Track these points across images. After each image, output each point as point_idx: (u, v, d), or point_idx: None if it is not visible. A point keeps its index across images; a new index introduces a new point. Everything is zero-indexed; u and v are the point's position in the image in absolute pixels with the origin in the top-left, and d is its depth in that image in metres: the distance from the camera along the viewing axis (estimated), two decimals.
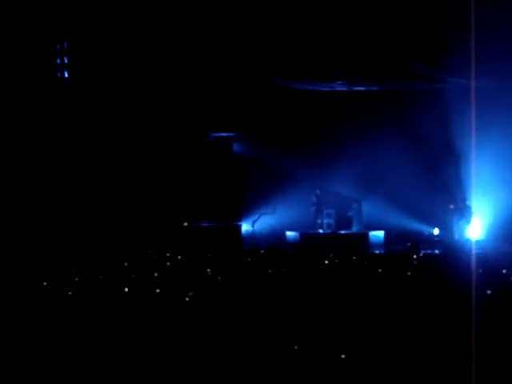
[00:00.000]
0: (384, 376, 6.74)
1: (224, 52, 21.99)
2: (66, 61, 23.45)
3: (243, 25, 21.46)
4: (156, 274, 12.13)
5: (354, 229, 23.18)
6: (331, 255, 15.04)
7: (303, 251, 17.53)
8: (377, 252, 20.51)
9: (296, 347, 7.57)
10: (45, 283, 11.79)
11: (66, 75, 23.48)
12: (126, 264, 15.13)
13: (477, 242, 20.67)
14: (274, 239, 21.40)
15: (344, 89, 22.77)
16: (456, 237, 21.86)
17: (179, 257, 15.89)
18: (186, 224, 23.82)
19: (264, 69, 22.02)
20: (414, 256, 15.90)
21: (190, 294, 10.44)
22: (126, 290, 11.10)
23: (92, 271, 13.62)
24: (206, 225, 24.01)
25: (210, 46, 21.83)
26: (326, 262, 13.85)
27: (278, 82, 22.51)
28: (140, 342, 8.18)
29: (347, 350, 7.42)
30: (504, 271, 11.00)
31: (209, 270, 13.02)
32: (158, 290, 10.89)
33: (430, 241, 21.74)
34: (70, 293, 10.94)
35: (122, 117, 23.03)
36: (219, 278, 11.57)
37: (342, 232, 23.04)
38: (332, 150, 22.92)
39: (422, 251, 18.99)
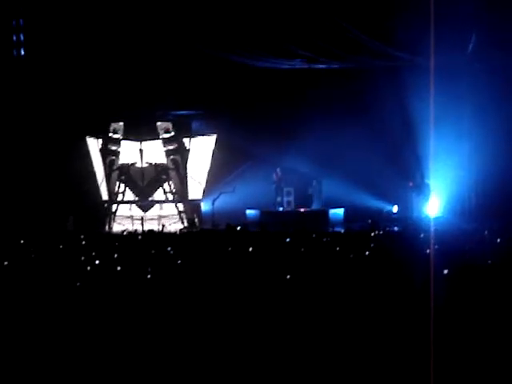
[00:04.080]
0: (339, 357, 6.78)
1: (184, 30, 21.86)
2: (21, 38, 23.14)
3: (203, 3, 21.38)
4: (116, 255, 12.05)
5: (314, 206, 23.30)
6: (290, 232, 15.07)
7: (263, 229, 17.52)
8: (336, 229, 20.60)
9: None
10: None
11: (23, 53, 23.17)
12: (83, 242, 15.05)
13: (435, 218, 20.85)
14: (234, 218, 21.38)
15: (304, 66, 22.74)
16: (415, 214, 22.04)
17: (139, 237, 15.82)
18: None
19: (224, 46, 21.94)
20: (373, 233, 15.98)
21: (149, 271, 10.40)
22: (89, 268, 11.04)
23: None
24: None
25: (169, 24, 21.69)
26: (287, 239, 13.86)
27: (238, 60, 22.44)
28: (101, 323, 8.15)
29: (305, 329, 7.44)
30: (461, 249, 11.11)
31: (169, 249, 12.97)
32: (118, 268, 10.84)
33: (389, 218, 21.90)
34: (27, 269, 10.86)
35: (78, 95, 22.80)
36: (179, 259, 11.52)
37: (302, 210, 23.12)
38: (292, 129, 22.94)
39: (381, 228, 19.09)
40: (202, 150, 24.33)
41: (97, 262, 11.31)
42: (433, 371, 6.01)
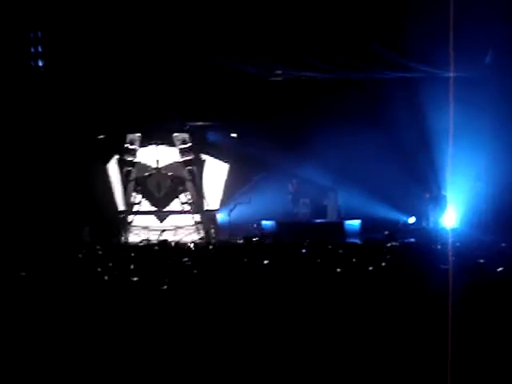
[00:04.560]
0: (357, 366, 6.76)
1: (200, 41, 21.94)
2: (40, 49, 23.26)
3: (217, 14, 21.47)
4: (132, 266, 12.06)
5: (330, 218, 23.24)
6: (306, 244, 15.04)
7: (279, 240, 17.52)
8: (352, 241, 20.56)
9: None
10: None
11: (40, 64, 23.29)
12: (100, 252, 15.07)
13: (452, 230, 20.77)
14: (250, 229, 21.39)
15: (321, 77, 22.75)
16: (431, 225, 21.96)
17: (155, 247, 15.83)
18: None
19: (237, 58, 21.99)
20: (389, 245, 15.93)
21: (166, 281, 10.41)
22: (106, 278, 11.06)
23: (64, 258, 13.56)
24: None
25: (186, 36, 21.76)
26: (303, 250, 13.85)
27: (252, 71, 22.48)
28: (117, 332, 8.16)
29: (323, 339, 7.43)
30: (481, 260, 11.05)
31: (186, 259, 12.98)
32: (135, 279, 10.86)
33: (406, 229, 21.83)
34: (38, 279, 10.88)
35: (97, 106, 22.90)
36: (195, 270, 11.52)
37: (318, 221, 23.08)
38: (308, 139, 22.91)
39: (398, 240, 19.05)
40: (218, 160, 24.40)
41: (115, 272, 11.34)
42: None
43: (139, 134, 24.13)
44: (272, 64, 22.17)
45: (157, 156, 24.16)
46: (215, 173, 24.38)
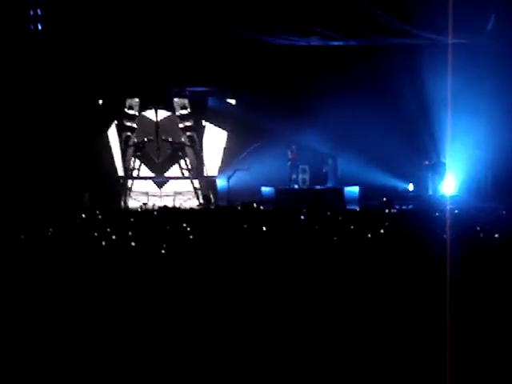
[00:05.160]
0: (356, 337, 6.78)
1: (200, 5, 21.77)
2: (39, 13, 23.11)
3: None
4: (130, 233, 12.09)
5: (329, 184, 23.26)
6: (305, 211, 15.07)
7: (278, 207, 17.55)
8: (351, 207, 20.60)
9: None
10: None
11: (40, 27, 23.15)
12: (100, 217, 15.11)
13: (451, 197, 20.79)
14: (249, 195, 21.39)
15: (320, 43, 22.62)
16: (430, 192, 21.98)
17: (155, 212, 15.86)
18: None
19: (239, 22, 21.83)
20: (388, 211, 15.97)
21: (164, 247, 10.44)
22: (104, 243, 11.09)
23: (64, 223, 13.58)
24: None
25: (186, 1, 21.62)
26: (302, 217, 13.88)
27: (253, 36, 22.34)
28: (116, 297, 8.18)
29: (319, 309, 7.45)
30: (478, 228, 11.07)
31: (184, 225, 13.00)
32: (133, 244, 10.89)
33: (405, 196, 21.85)
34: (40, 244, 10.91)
35: (96, 71, 22.80)
36: (194, 235, 11.55)
37: (317, 187, 23.10)
38: (307, 106, 22.87)
39: (396, 207, 19.08)
40: (217, 127, 24.37)
41: (113, 237, 11.36)
42: (449, 354, 6.02)
43: (137, 99, 24.06)
44: (273, 29, 22.02)
45: (156, 121, 24.11)
46: (215, 139, 24.36)
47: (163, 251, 10.12)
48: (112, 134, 24.28)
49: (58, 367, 6.54)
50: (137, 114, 24.17)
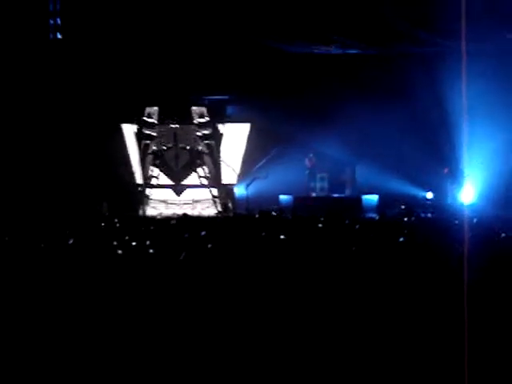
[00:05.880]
0: (374, 345, 6.76)
1: (219, 14, 21.84)
2: (58, 22, 23.24)
3: None
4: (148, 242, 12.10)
5: (347, 192, 23.21)
6: (323, 219, 15.03)
7: (296, 215, 17.52)
8: (370, 216, 20.54)
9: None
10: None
11: (59, 36, 23.29)
12: (118, 225, 15.14)
13: (470, 205, 20.71)
14: (267, 203, 21.39)
15: (339, 52, 22.63)
16: (449, 200, 21.91)
17: (173, 221, 15.86)
18: None
19: (259, 31, 21.89)
20: (406, 219, 15.91)
21: (182, 254, 10.44)
22: (120, 252, 11.10)
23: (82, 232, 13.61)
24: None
25: (205, 10, 21.69)
26: (320, 225, 13.83)
27: (273, 45, 22.38)
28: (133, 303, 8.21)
29: (340, 315, 7.44)
30: (503, 234, 11.02)
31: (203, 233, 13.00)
32: (151, 251, 10.90)
33: (424, 205, 21.78)
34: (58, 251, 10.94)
35: (115, 79, 22.89)
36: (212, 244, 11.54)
37: (336, 196, 23.06)
38: (326, 114, 22.85)
39: (416, 215, 19.01)
40: (236, 134, 24.36)
41: (133, 243, 11.38)
42: (467, 358, 5.99)
43: (157, 108, 24.13)
44: (293, 38, 22.05)
45: (175, 129, 24.15)
46: (233, 147, 24.37)
47: (181, 259, 10.13)
48: (131, 142, 24.35)
49: (74, 370, 6.57)
50: (156, 122, 24.23)
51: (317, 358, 6.69)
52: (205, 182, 24.43)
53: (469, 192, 21.90)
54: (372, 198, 22.71)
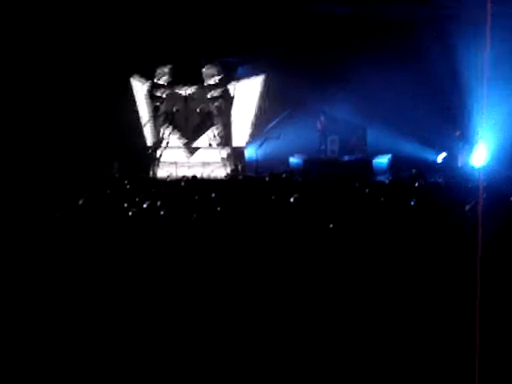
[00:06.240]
0: (385, 309, 6.75)
1: None
2: None
3: None
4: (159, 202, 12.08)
5: (358, 155, 23.13)
6: (333, 182, 14.99)
7: (307, 177, 17.47)
8: (381, 179, 20.47)
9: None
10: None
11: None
12: (128, 186, 15.14)
13: (482, 168, 20.61)
14: (277, 165, 21.33)
15: (351, 12, 22.45)
16: (461, 164, 21.81)
17: (182, 183, 15.85)
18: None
19: None
20: (418, 183, 15.83)
21: (193, 216, 10.43)
22: (130, 213, 11.10)
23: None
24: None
25: None
26: (330, 188, 13.78)
27: (287, 2, 22.23)
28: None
29: (348, 278, 7.43)
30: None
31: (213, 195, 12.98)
32: (162, 212, 10.90)
33: (435, 168, 21.69)
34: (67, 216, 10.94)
35: (128, 39, 22.76)
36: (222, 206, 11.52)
37: (346, 158, 22.98)
38: (337, 76, 22.69)
39: (427, 178, 18.92)
40: (247, 96, 24.24)
41: (144, 205, 11.38)
42: (478, 323, 5.96)
43: (168, 69, 24.01)
44: None
45: (185, 91, 24.06)
46: (243, 108, 24.27)
47: (191, 220, 10.13)
48: (141, 103, 24.28)
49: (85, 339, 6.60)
50: (166, 83, 24.14)
51: (323, 325, 6.69)
52: (215, 143, 24.38)
53: (481, 155, 21.79)
54: (382, 161, 22.62)
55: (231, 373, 6.10)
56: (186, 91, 24.00)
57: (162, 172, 23.75)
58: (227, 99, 24.19)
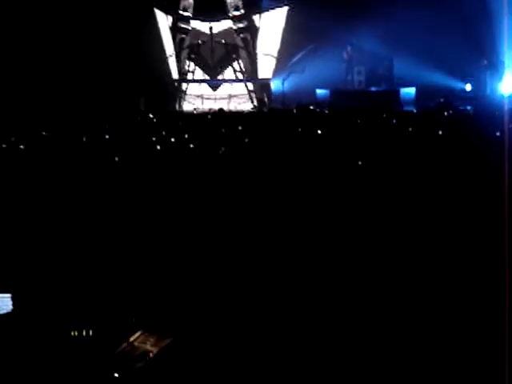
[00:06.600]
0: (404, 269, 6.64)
1: None
2: None
3: None
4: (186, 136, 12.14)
5: (385, 86, 22.96)
6: (361, 113, 14.94)
7: (333, 109, 17.40)
8: (408, 109, 20.35)
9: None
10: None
11: None
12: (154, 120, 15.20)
13: (509, 97, 20.41)
14: (304, 97, 21.21)
15: None
16: (488, 92, 21.61)
17: (209, 116, 15.87)
18: None
19: None
20: (446, 113, 15.74)
21: (221, 149, 10.47)
22: (159, 147, 11.17)
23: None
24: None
25: None
26: (357, 120, 13.75)
27: None
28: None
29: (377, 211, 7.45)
30: None
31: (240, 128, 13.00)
32: (191, 146, 10.97)
33: (463, 97, 21.50)
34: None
35: None
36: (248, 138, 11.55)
37: (373, 89, 22.82)
38: (363, 7, 22.37)
39: (454, 107, 18.79)
40: (271, 28, 24.02)
41: (172, 139, 11.44)
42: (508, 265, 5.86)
43: (192, 1, 23.82)
44: None
45: (210, 23, 23.88)
46: (269, 40, 24.06)
47: (220, 152, 10.17)
48: (166, 36, 24.15)
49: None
50: (191, 15, 23.95)
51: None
52: (240, 76, 24.27)
53: (509, 83, 21.56)
54: (410, 91, 22.42)
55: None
56: (210, 23, 23.80)
57: (187, 105, 23.73)
58: (252, 31, 23.98)
